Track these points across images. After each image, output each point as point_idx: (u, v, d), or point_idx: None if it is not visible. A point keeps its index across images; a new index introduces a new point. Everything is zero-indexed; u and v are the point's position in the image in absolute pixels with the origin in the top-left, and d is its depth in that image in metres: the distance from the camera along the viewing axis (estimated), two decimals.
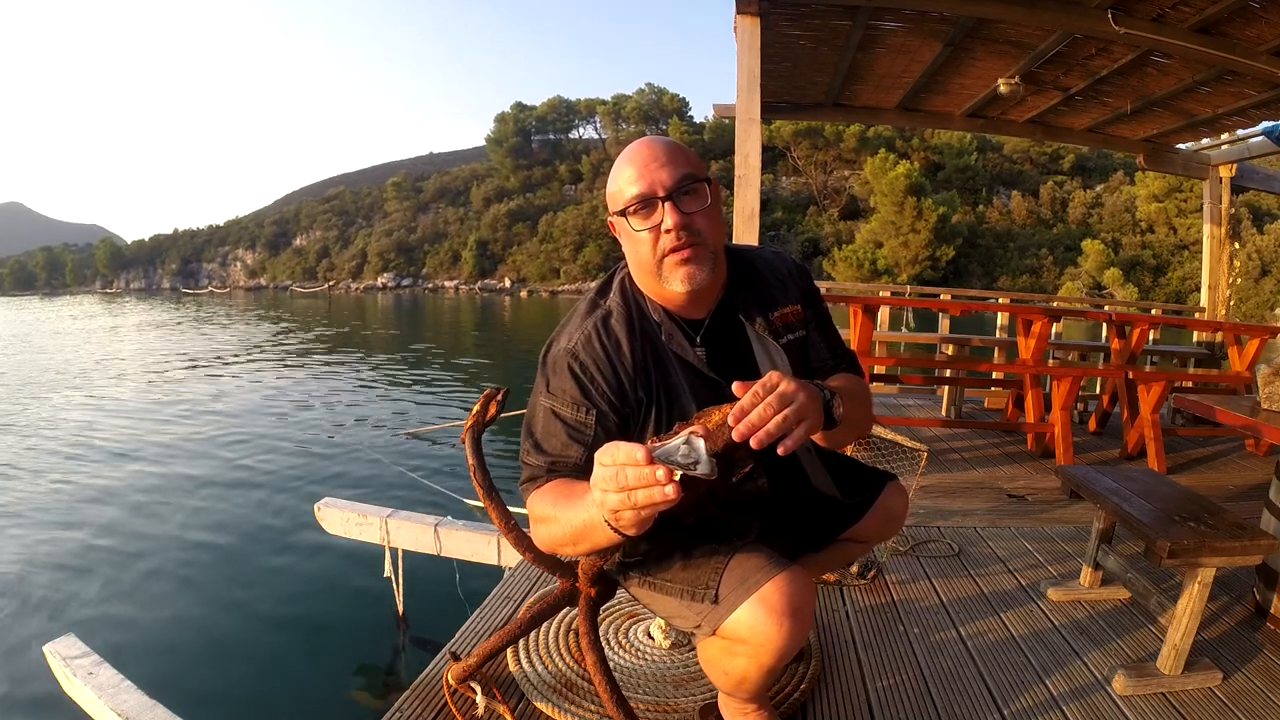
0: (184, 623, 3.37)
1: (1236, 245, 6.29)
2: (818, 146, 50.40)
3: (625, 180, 1.05)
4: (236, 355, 14.95)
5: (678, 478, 0.73)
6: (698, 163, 1.07)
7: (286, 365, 13.19)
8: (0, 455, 6.45)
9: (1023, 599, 2.05)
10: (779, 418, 0.79)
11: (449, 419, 7.63)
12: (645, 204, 1.03)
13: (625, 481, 0.75)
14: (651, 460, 0.73)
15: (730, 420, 0.78)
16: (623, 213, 1.05)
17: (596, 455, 0.79)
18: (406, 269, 61.67)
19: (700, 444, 0.74)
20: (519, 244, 55.62)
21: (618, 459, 0.76)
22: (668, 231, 1.03)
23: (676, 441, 0.75)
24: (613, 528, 0.83)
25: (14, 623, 3.33)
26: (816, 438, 1.07)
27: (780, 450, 0.80)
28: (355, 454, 6.36)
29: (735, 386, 0.81)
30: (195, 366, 13.10)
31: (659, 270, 1.06)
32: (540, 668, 1.59)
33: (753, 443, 0.77)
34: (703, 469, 0.73)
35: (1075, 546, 2.43)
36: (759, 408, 0.79)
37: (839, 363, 1.25)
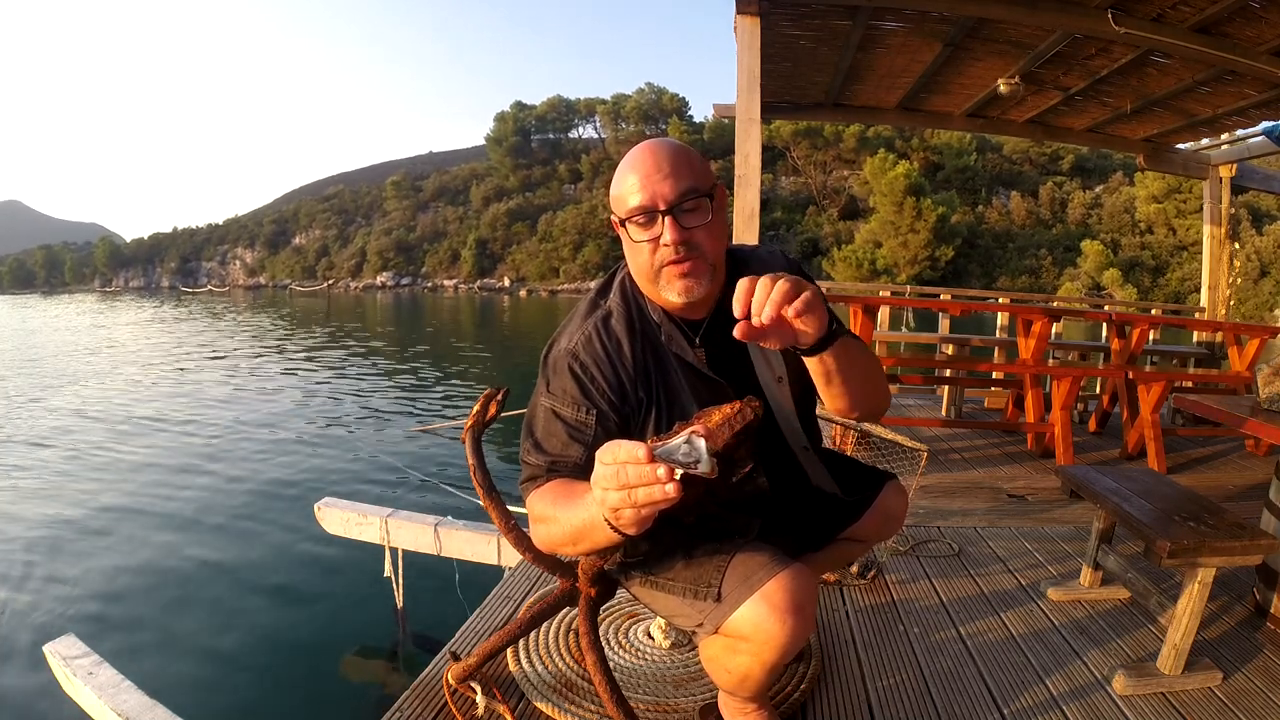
0: (184, 623, 3.37)
1: (1236, 246, 6.30)
2: (817, 146, 50.34)
3: (628, 188, 1.04)
4: (236, 355, 14.94)
5: (678, 476, 0.73)
6: (703, 172, 1.05)
7: (286, 364, 13.19)
8: (1, 454, 6.46)
9: (1023, 599, 2.05)
10: (785, 283, 0.85)
11: (449, 418, 7.63)
12: (646, 216, 1.03)
13: (626, 480, 0.75)
14: (653, 459, 0.73)
15: (739, 309, 0.85)
16: (623, 221, 1.06)
17: (597, 454, 0.79)
18: (406, 268, 61.60)
19: (701, 443, 0.74)
20: (518, 243, 55.55)
21: (619, 457, 0.75)
22: (666, 245, 1.03)
23: (677, 441, 0.75)
24: (613, 527, 0.83)
25: (14, 623, 3.33)
26: (819, 372, 0.99)
27: (789, 313, 0.85)
28: (355, 453, 6.36)
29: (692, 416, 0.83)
30: (195, 366, 13.10)
31: (656, 280, 1.06)
32: (540, 668, 1.59)
33: (763, 313, 0.84)
34: (704, 468, 0.74)
35: (1075, 546, 2.44)
36: (759, 289, 0.85)
37: None
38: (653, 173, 1.02)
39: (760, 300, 0.84)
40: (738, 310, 0.85)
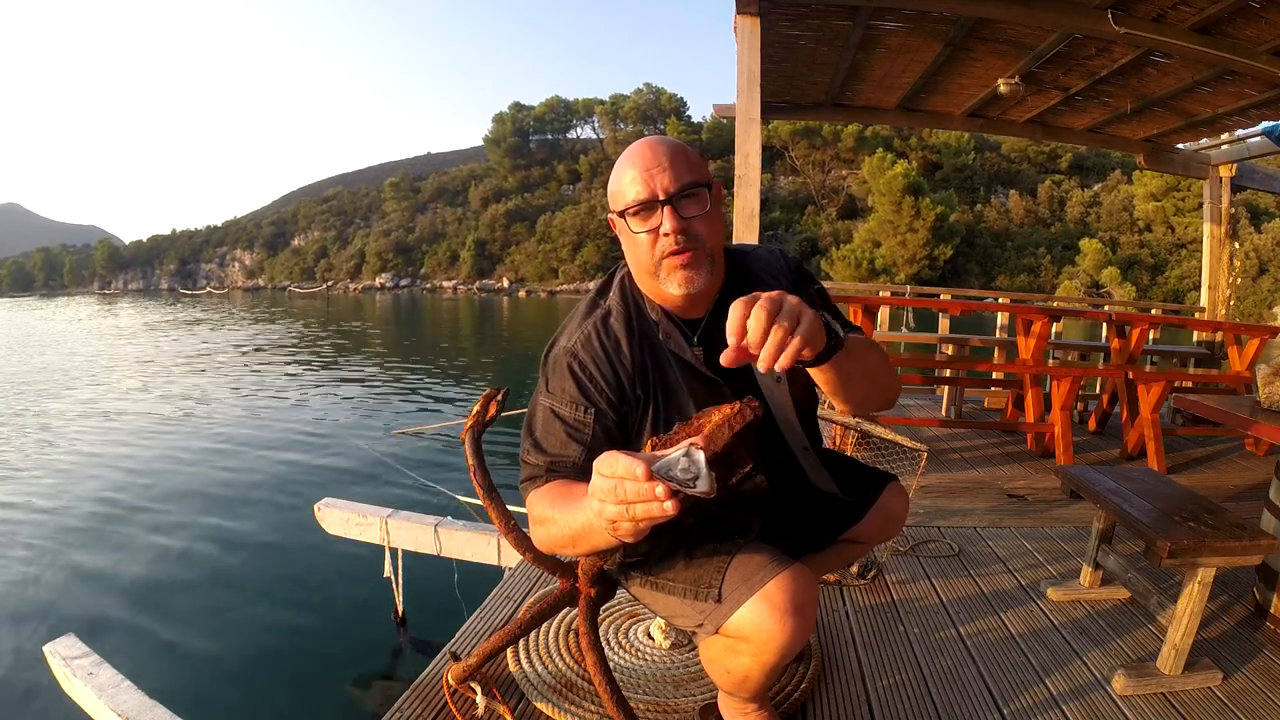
0: (184, 623, 3.36)
1: (1236, 245, 6.30)
2: (815, 146, 50.41)
3: (627, 181, 1.05)
4: (235, 355, 14.94)
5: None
6: (700, 167, 1.06)
7: (286, 365, 13.18)
8: (1, 454, 6.46)
9: (1023, 599, 2.05)
10: (779, 329, 0.78)
11: (448, 418, 7.62)
12: (645, 207, 1.04)
13: (624, 496, 0.74)
14: (651, 476, 0.72)
15: (732, 339, 0.78)
16: (623, 214, 1.06)
17: (595, 465, 0.79)
18: (405, 269, 61.65)
19: (700, 456, 0.73)
20: (517, 244, 55.59)
21: (617, 472, 0.75)
22: (666, 235, 1.03)
23: (676, 454, 0.74)
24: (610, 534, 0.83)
25: (14, 623, 3.32)
26: (822, 380, 0.99)
27: (782, 363, 0.78)
28: (355, 454, 6.36)
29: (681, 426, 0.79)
30: (194, 366, 13.09)
31: (657, 272, 1.07)
32: (540, 668, 1.59)
33: (760, 354, 0.77)
34: (702, 486, 0.72)
35: (1075, 546, 2.44)
36: (752, 320, 0.78)
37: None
38: (652, 165, 1.03)
39: (756, 338, 0.78)
40: (731, 339, 0.79)
